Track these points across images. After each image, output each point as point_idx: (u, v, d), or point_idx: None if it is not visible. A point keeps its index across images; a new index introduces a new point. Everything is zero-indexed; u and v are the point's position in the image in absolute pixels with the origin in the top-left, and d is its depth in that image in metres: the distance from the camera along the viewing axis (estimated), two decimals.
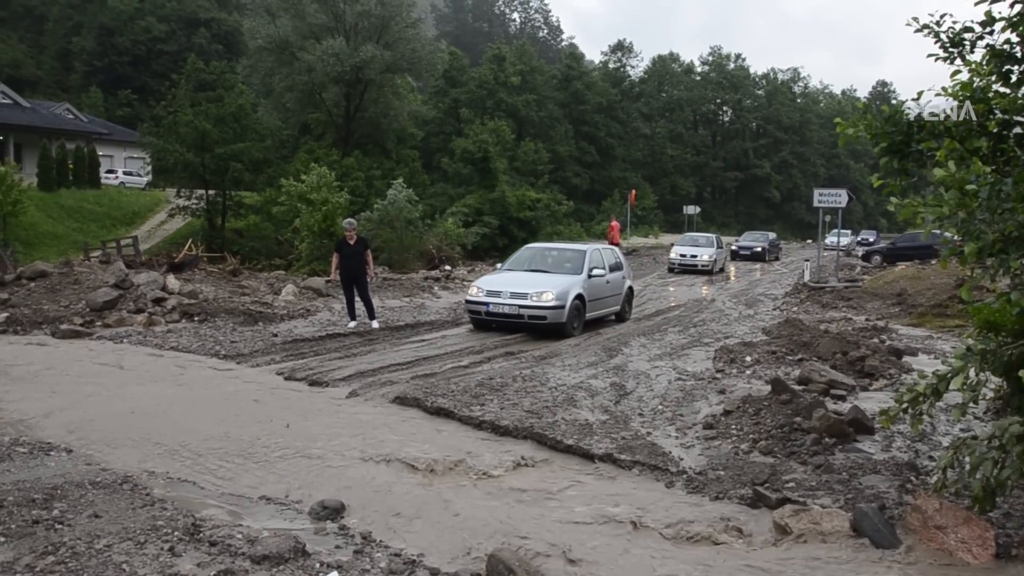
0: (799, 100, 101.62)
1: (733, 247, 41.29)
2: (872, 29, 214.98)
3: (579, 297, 15.00)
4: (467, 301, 15.44)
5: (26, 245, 33.26)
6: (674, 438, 8.20)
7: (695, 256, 32.32)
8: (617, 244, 37.33)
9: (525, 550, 5.48)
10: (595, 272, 15.73)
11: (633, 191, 60.54)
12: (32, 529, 5.40)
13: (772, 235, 47.18)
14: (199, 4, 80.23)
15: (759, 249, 41.86)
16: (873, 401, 9.29)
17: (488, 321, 14.89)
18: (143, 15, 75.15)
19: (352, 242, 15.22)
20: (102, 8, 75.82)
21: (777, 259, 43.57)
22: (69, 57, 76.76)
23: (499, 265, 16.15)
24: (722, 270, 33.59)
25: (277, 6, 47.54)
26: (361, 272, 15.20)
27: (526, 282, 14.93)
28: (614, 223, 39.04)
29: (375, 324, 15.13)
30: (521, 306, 14.42)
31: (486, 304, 14.74)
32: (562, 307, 14.42)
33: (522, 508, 6.33)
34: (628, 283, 17.74)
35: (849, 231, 38.98)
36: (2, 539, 5.23)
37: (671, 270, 32.49)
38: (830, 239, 48.06)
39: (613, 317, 17.16)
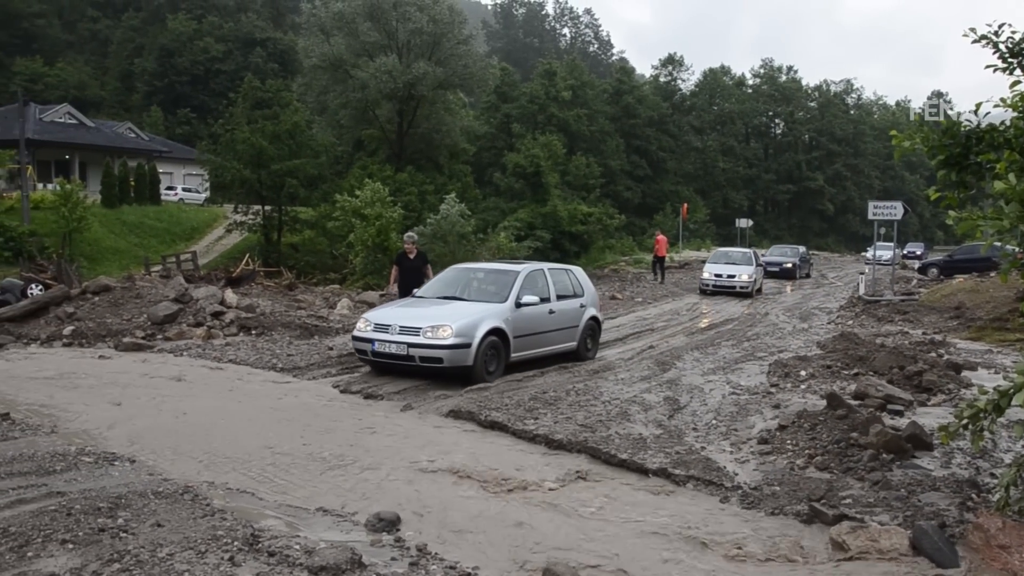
0: (852, 112, 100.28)
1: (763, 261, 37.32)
2: (929, 40, 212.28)
3: (497, 332, 11.78)
4: (353, 337, 12.33)
5: (90, 260, 34.06)
6: (728, 453, 8.14)
7: (732, 276, 28.00)
8: (663, 257, 37.27)
9: (579, 565, 5.49)
10: (526, 300, 12.48)
11: (685, 204, 60.20)
12: (98, 537, 5.54)
13: (802, 248, 43.76)
14: (255, 24, 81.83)
15: (789, 265, 38.05)
16: (931, 417, 9.13)
17: (375, 363, 11.89)
18: (202, 36, 76.82)
19: (412, 256, 15.01)
20: (163, 30, 77.75)
21: (808, 276, 39.95)
22: (131, 78, 78.76)
23: (415, 291, 13.74)
24: (760, 291, 29.54)
25: (331, 25, 48.18)
26: (419, 286, 14.89)
27: (425, 314, 11.91)
28: (660, 236, 38.76)
29: None
30: (411, 344, 11.27)
31: (372, 341, 11.65)
32: (466, 346, 11.26)
33: (576, 522, 6.33)
34: (590, 313, 14.16)
35: (892, 243, 36.78)
36: (71, 546, 5.39)
37: (703, 292, 28.37)
38: (870, 252, 47.15)
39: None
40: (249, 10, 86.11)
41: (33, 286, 21.57)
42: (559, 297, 13.40)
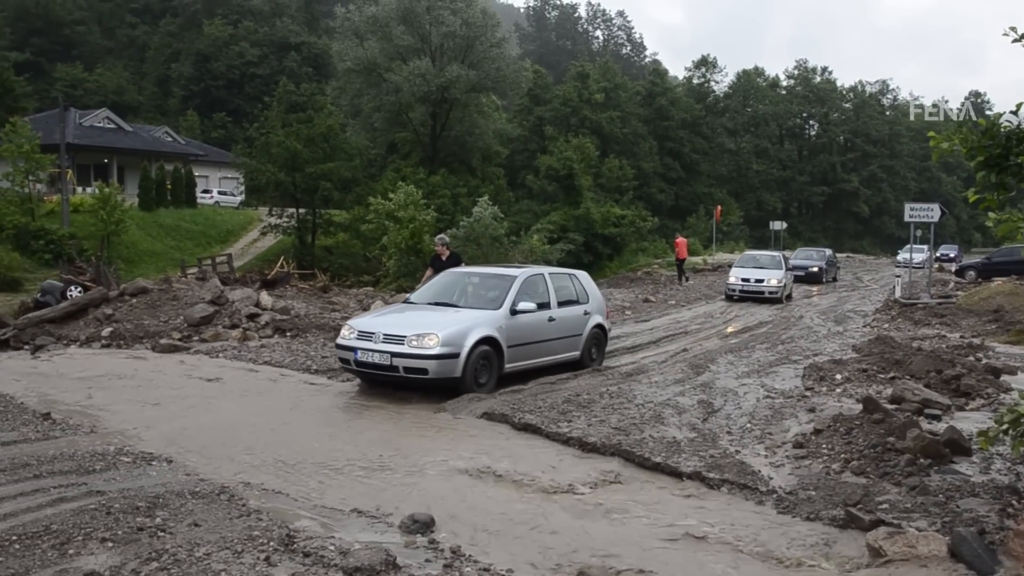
0: (888, 113, 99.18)
1: None
2: (967, 39, 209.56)
3: (489, 341, 11.00)
4: (336, 345, 11.56)
5: (127, 262, 34.54)
6: (763, 457, 8.08)
7: (760, 281, 26.47)
8: (684, 259, 37.45)
9: (613, 569, 5.47)
10: (522, 307, 11.68)
11: (719, 207, 59.91)
12: (137, 536, 5.61)
13: (828, 251, 41.72)
14: (290, 29, 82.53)
15: (815, 269, 35.93)
16: (970, 421, 9.00)
17: (359, 373, 11.18)
18: (237, 41, 77.65)
19: (444, 258, 14.99)
20: (199, 36, 78.70)
21: (834, 280, 37.92)
22: (168, 83, 79.80)
23: (408, 296, 13.17)
24: (790, 296, 27.80)
25: (365, 29, 48.53)
26: None
27: (411, 321, 11.18)
28: (679, 240, 38.69)
29: None
30: (395, 354, 10.42)
31: (354, 350, 10.82)
32: (454, 356, 10.47)
33: (610, 525, 6.32)
34: (595, 321, 13.35)
35: (926, 246, 35.43)
36: (110, 544, 5.47)
37: (730, 298, 26.71)
38: (902, 255, 46.36)
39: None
40: (284, 15, 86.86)
41: (72, 288, 21.93)
42: (561, 304, 12.64)
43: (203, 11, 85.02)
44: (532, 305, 11.83)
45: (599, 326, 13.47)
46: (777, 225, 59.04)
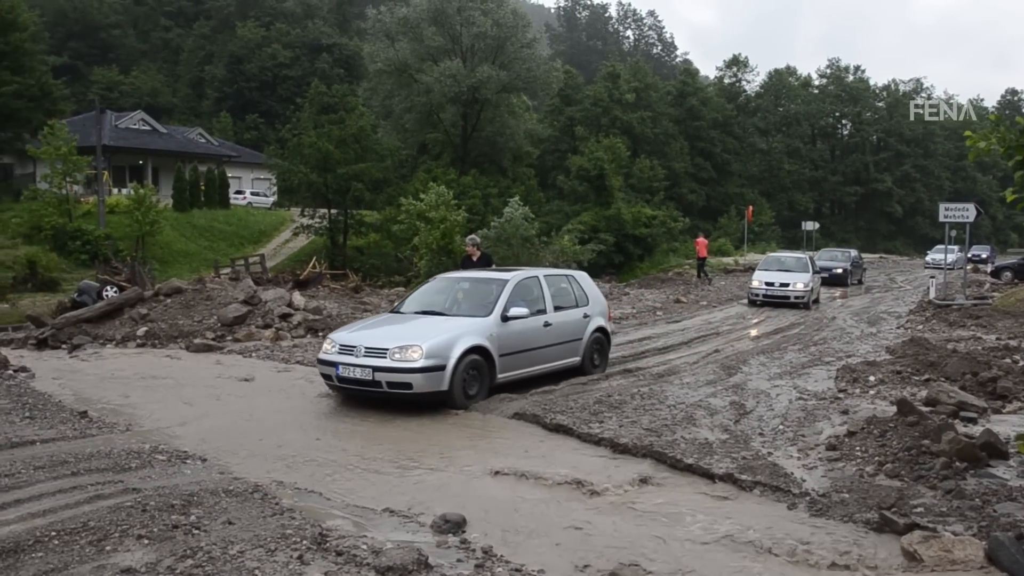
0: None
1: None
2: (1005, 35, 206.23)
3: (478, 351, 10.34)
4: (318, 360, 10.82)
5: (161, 263, 34.96)
6: (796, 459, 8.02)
7: (785, 285, 24.41)
8: (704, 258, 37.64)
9: (645, 571, 5.47)
10: (515, 313, 10.94)
11: (750, 207, 59.51)
12: (172, 533, 5.68)
13: (853, 251, 39.79)
14: (322, 31, 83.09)
15: (840, 270, 34.00)
16: (1007, 424, 8.89)
17: (341, 389, 10.38)
18: (270, 43, 78.27)
19: (475, 259, 14.86)
20: (232, 38, 79.46)
21: (860, 282, 35.97)
22: (202, 84, 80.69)
23: (395, 305, 12.63)
24: (817, 301, 25.89)
25: (396, 30, 48.71)
26: None
27: (395, 332, 10.46)
28: (699, 239, 38.57)
29: None
30: (377, 368, 9.76)
31: (336, 365, 10.10)
32: (440, 368, 9.80)
33: (642, 527, 6.30)
34: (596, 324, 12.59)
35: (956, 247, 34.05)
36: (146, 541, 5.54)
37: (753, 303, 24.88)
38: (931, 256, 45.67)
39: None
40: (316, 17, 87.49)
41: (108, 288, 22.24)
42: (557, 308, 11.91)
43: (236, 14, 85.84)
44: (525, 310, 11.12)
45: (601, 330, 12.74)
46: (809, 225, 58.54)
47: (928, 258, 49.70)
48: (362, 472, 7.54)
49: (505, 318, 10.82)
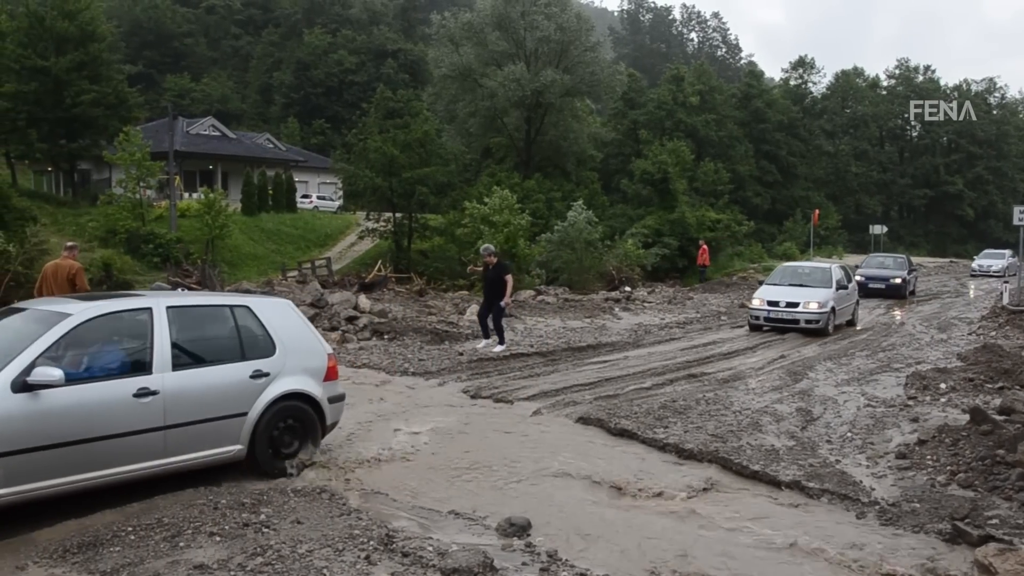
0: (995, 112, 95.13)
1: (858, 277, 25.72)
2: None
3: None
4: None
5: (231, 265, 35.62)
6: (865, 467, 7.90)
7: (794, 305, 18.70)
8: (707, 266, 37.64)
9: None
10: (40, 379, 6.01)
11: (816, 211, 58.53)
12: (243, 531, 5.82)
13: (902, 257, 32.67)
14: (387, 37, 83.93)
15: (897, 281, 28.38)
16: None
17: None
18: (336, 49, 79.31)
19: (491, 267, 15.22)
20: (299, 45, 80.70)
21: (913, 293, 29.85)
22: (270, 91, 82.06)
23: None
24: (852, 323, 20.76)
25: (460, 36, 49.02)
26: (497, 296, 14.95)
27: None
28: (703, 246, 38.16)
29: (498, 348, 14.79)
30: None
31: None
32: None
33: (707, 533, 6.27)
34: (286, 386, 7.56)
35: (1008, 251, 31.65)
36: (218, 538, 5.68)
37: (754, 328, 19.22)
38: (978, 261, 43.36)
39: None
40: (381, 23, 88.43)
41: (180, 290, 22.73)
42: (186, 364, 7.14)
43: (303, 21, 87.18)
44: (58, 373, 6.20)
45: (300, 396, 7.77)
46: (877, 229, 57.28)
47: (975, 264, 43.50)
48: (427, 474, 7.62)
49: (21, 387, 6.13)
